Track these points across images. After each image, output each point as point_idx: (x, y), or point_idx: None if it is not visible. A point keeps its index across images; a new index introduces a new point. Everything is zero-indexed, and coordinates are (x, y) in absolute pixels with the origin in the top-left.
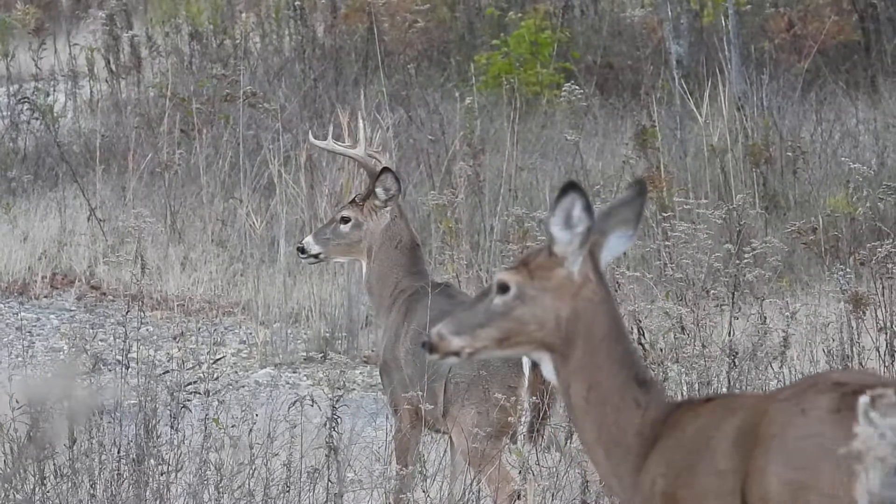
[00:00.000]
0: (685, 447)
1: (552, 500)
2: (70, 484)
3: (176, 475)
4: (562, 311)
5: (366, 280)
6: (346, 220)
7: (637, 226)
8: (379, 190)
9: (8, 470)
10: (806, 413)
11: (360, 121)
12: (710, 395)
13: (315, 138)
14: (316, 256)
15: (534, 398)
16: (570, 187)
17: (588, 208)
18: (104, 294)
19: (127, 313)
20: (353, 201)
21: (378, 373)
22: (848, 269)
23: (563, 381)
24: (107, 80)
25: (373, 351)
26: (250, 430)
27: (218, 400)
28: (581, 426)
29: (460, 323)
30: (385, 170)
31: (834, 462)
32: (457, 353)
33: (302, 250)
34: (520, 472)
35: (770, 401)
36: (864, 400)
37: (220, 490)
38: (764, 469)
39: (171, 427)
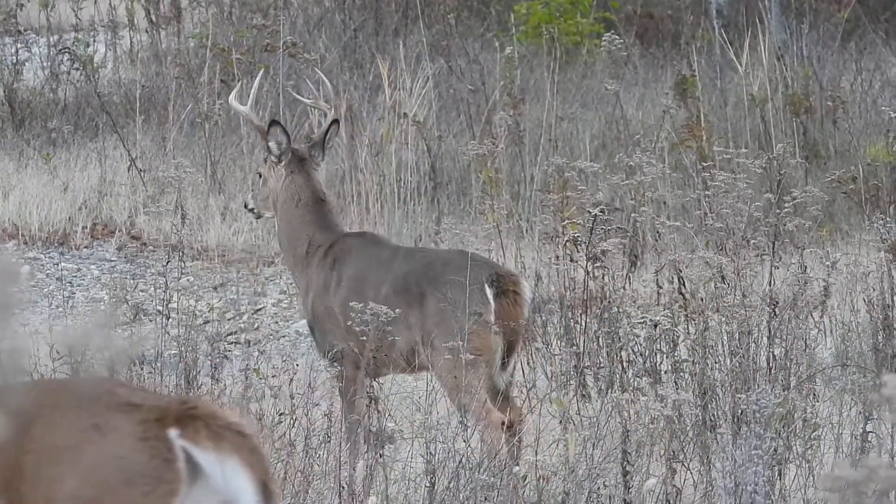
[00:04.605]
0: None
1: (593, 449)
2: None
3: None
4: None
5: (278, 236)
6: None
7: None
8: (271, 144)
9: None
10: (104, 433)
11: (257, 80)
12: None
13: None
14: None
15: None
16: None
17: None
18: (144, 244)
19: (167, 263)
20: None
21: (308, 328)
22: (888, 219)
23: None
24: (147, 31)
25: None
26: (291, 381)
27: (258, 350)
28: None
29: None
30: (273, 122)
31: (140, 487)
32: None
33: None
34: (560, 423)
35: None
36: (174, 432)
37: (261, 440)
38: (53, 478)
39: (212, 377)
